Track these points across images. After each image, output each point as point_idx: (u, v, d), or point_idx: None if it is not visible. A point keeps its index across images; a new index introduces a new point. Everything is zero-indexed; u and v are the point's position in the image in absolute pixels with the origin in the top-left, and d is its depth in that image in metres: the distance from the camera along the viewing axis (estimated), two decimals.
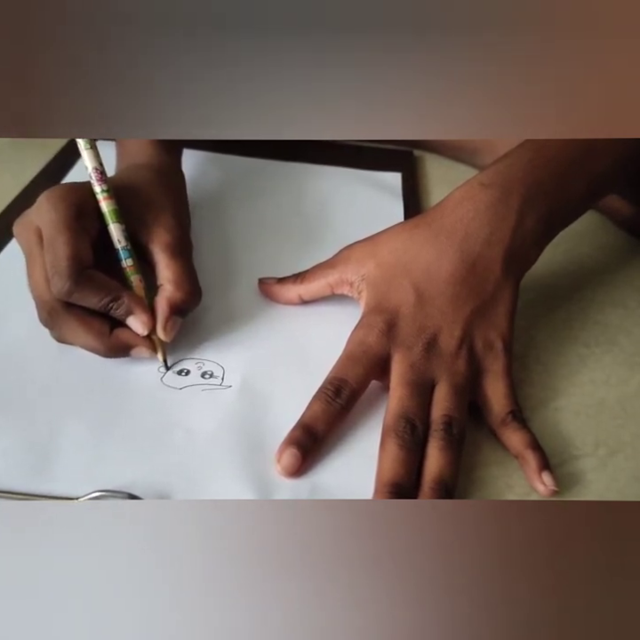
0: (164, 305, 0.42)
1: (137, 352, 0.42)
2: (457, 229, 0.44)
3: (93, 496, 0.36)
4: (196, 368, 0.44)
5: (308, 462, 0.38)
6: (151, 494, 0.36)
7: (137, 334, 0.42)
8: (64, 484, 0.37)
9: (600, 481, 0.40)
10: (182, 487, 0.37)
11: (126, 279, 0.43)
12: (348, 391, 0.40)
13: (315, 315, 0.49)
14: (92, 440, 0.39)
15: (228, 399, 0.42)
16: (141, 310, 0.42)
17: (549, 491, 0.38)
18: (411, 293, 0.43)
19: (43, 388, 0.41)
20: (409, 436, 0.38)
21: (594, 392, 0.46)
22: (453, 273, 0.43)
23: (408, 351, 0.41)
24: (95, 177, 0.43)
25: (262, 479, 0.37)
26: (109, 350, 0.42)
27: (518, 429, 0.40)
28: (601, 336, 0.50)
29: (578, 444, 0.42)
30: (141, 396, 0.42)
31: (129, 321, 0.42)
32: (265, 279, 0.50)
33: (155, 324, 0.42)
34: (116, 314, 0.41)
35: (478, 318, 0.43)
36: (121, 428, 0.40)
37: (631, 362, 0.48)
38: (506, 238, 0.44)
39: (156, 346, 0.43)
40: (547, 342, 0.49)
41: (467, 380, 0.41)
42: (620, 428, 0.43)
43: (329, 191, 0.63)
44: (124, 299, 0.41)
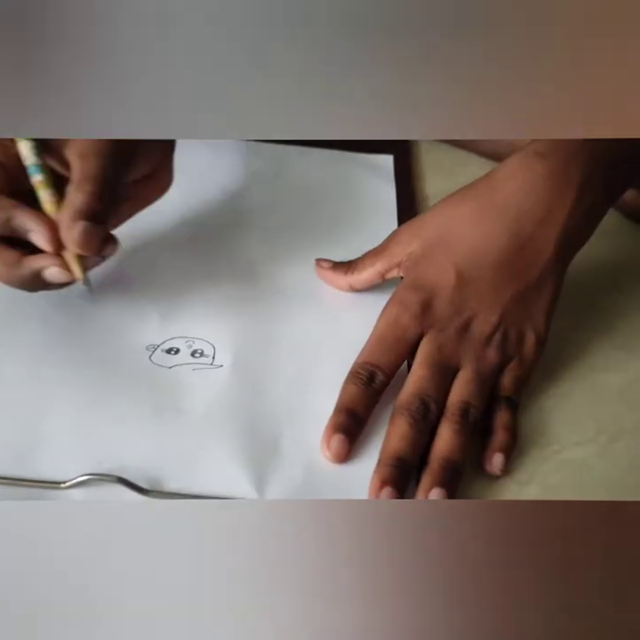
0: (66, 210, 0.37)
1: (50, 274, 0.37)
2: (509, 206, 0.42)
3: (81, 480, 0.35)
4: (186, 346, 0.42)
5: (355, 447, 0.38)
6: (141, 477, 0.35)
7: (47, 256, 0.37)
8: (50, 467, 0.35)
9: (601, 467, 0.39)
10: (173, 470, 0.36)
11: (38, 198, 0.38)
12: (381, 377, 0.39)
13: (307, 295, 0.47)
14: (79, 422, 0.38)
15: (219, 379, 0.41)
16: (40, 223, 0.37)
17: (492, 471, 0.38)
18: (450, 273, 0.42)
19: (27, 368, 0.40)
20: (420, 417, 0.38)
21: (594, 378, 0.45)
22: (499, 256, 0.41)
23: (439, 333, 0.40)
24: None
25: (254, 460, 0.37)
26: (20, 280, 0.38)
27: (505, 411, 0.40)
28: (600, 322, 0.49)
29: (579, 430, 0.41)
30: (129, 374, 0.40)
31: (30, 237, 0.37)
32: (322, 261, 0.47)
33: (60, 237, 0.37)
34: (14, 234, 0.37)
35: (517, 306, 0.41)
36: (109, 408, 0.38)
37: (632, 348, 0.47)
38: (563, 218, 0.41)
39: (70, 262, 0.38)
40: None
41: (492, 369, 0.40)
42: (621, 415, 0.42)
43: (319, 173, 0.60)
44: (16, 213, 0.37)
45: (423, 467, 0.37)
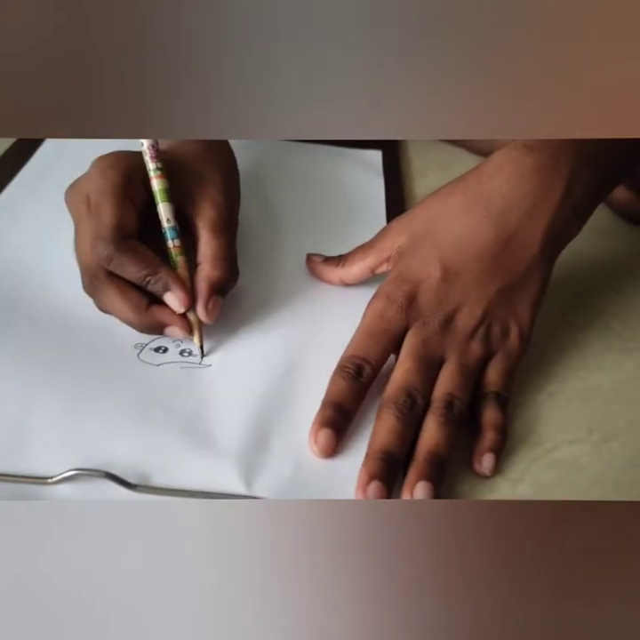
0: (204, 285, 0.41)
1: (171, 331, 0.41)
2: (495, 199, 0.41)
3: (68, 475, 0.34)
4: (174, 345, 0.43)
5: (342, 441, 0.38)
6: (129, 473, 0.35)
7: (174, 314, 0.41)
8: (38, 462, 0.35)
9: (593, 466, 0.39)
10: (161, 465, 0.36)
11: (171, 259, 0.42)
12: (369, 370, 0.39)
13: (296, 292, 0.47)
14: (66, 417, 0.37)
15: (207, 377, 0.41)
16: (179, 287, 0.40)
17: (482, 472, 0.37)
18: (436, 267, 0.42)
19: (14, 362, 0.40)
20: (407, 410, 0.37)
21: (588, 377, 0.44)
22: (484, 249, 0.41)
23: (424, 326, 0.40)
24: (150, 154, 0.43)
25: (243, 455, 0.37)
26: (144, 325, 0.41)
27: (494, 408, 0.39)
28: (596, 321, 0.49)
29: (571, 429, 0.41)
30: (118, 371, 0.40)
31: (166, 297, 0.41)
32: (313, 256, 0.48)
33: (192, 303, 0.41)
34: (153, 288, 0.40)
35: (502, 300, 0.41)
36: (97, 404, 0.38)
37: (626, 347, 0.47)
38: (550, 212, 0.41)
39: (193, 328, 0.42)
40: (541, 327, 0.47)
41: (476, 362, 0.40)
42: (614, 414, 0.42)
43: (308, 168, 0.61)
44: (162, 274, 0.40)
45: (409, 461, 0.37)
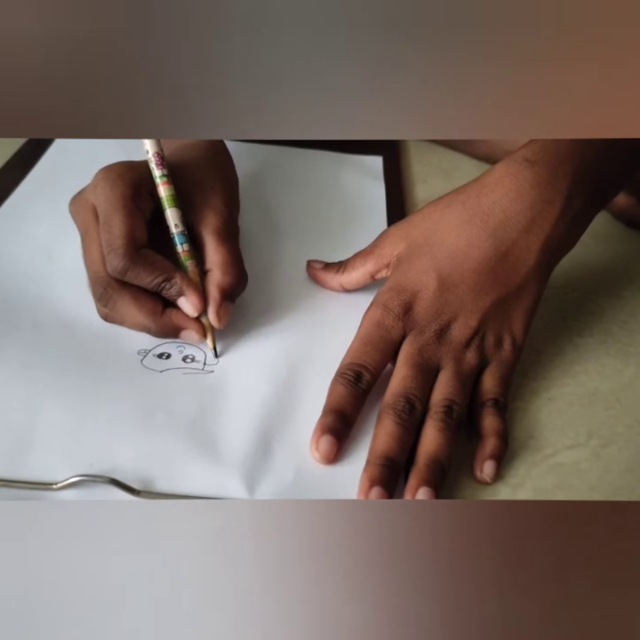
0: (215, 290, 0.42)
1: (186, 335, 0.42)
2: (494, 212, 0.42)
3: (73, 481, 0.35)
4: (177, 352, 0.43)
5: (344, 447, 0.38)
6: (133, 479, 0.35)
7: (188, 317, 0.42)
8: (42, 468, 0.35)
9: (593, 471, 0.39)
10: (164, 471, 0.36)
11: (181, 264, 0.43)
12: (368, 377, 0.40)
13: (297, 299, 0.48)
14: (70, 423, 0.38)
15: (210, 383, 0.41)
16: (193, 292, 0.41)
17: (482, 479, 0.38)
18: (433, 278, 0.42)
19: (18, 367, 0.40)
20: (406, 416, 0.38)
21: (587, 382, 0.45)
22: (481, 262, 0.42)
23: (419, 335, 0.41)
24: (155, 161, 0.44)
25: (245, 461, 0.37)
26: (160, 330, 0.41)
27: (494, 415, 0.40)
28: (595, 326, 0.49)
29: (571, 434, 0.41)
30: (121, 377, 0.41)
31: (180, 302, 0.41)
32: (313, 262, 0.49)
33: (205, 307, 0.42)
34: (167, 294, 0.41)
35: (497, 311, 0.42)
36: (101, 410, 0.39)
37: (625, 352, 0.47)
38: (548, 226, 0.42)
39: (206, 331, 0.42)
40: (541, 332, 0.48)
41: (471, 371, 0.41)
42: (613, 419, 0.42)
43: (309, 174, 0.61)
44: (176, 279, 0.41)
45: (410, 466, 0.37)
